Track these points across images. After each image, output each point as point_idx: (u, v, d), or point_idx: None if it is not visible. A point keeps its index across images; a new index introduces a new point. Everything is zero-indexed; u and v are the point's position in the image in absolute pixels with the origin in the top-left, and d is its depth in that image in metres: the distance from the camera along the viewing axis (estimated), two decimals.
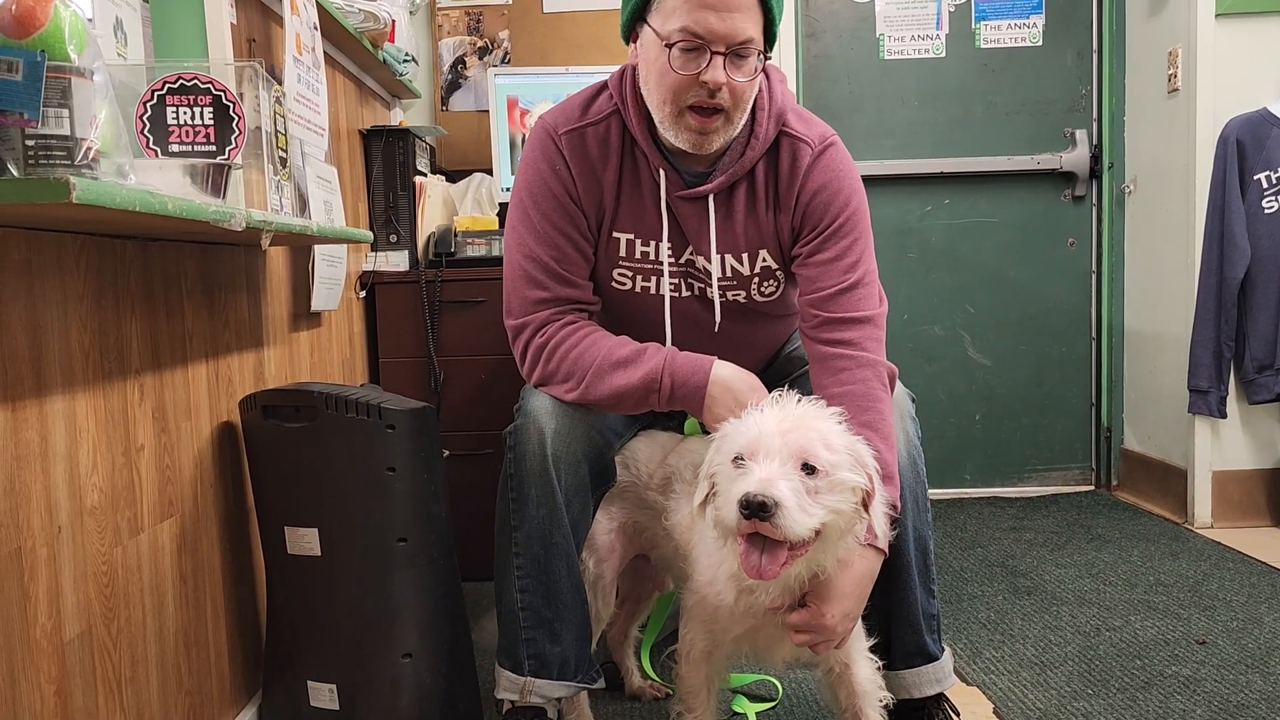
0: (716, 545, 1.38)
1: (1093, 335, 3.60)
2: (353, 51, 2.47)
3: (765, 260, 1.65)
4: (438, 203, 2.82)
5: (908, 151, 3.54)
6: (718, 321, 1.67)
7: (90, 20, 1.31)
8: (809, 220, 1.61)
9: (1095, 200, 3.57)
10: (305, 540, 1.64)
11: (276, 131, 1.57)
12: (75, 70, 0.95)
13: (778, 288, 1.69)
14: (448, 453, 1.94)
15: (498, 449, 1.65)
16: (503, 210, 2.74)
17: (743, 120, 1.56)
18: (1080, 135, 3.52)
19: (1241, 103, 2.98)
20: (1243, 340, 3.00)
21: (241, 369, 1.78)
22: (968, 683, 1.98)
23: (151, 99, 1.35)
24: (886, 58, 3.53)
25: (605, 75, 1.68)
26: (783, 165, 1.61)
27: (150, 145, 1.35)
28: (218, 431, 1.68)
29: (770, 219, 1.63)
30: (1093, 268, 3.58)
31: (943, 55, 3.52)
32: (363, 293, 2.62)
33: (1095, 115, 3.53)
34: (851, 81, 3.53)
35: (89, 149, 0.97)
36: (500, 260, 1.81)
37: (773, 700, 1.91)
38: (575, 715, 1.70)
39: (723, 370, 1.55)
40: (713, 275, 1.64)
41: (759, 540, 1.25)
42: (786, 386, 1.39)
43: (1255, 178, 2.95)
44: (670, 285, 1.67)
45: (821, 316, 1.56)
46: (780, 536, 1.22)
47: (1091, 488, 3.62)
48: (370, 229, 2.65)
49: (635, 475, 1.67)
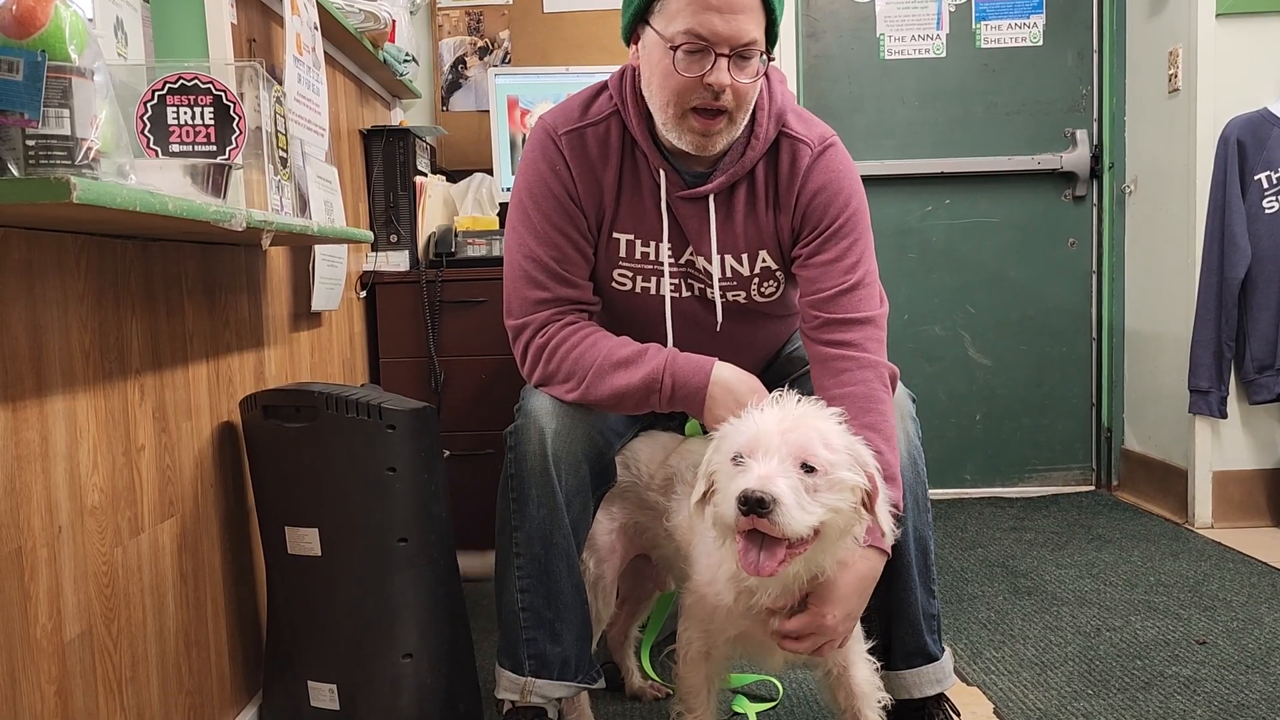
0: (716, 545, 1.38)
1: (1093, 335, 3.60)
2: (353, 51, 2.47)
3: (765, 261, 1.65)
4: (438, 203, 2.82)
5: (908, 151, 3.54)
6: (719, 322, 1.68)
7: (91, 20, 1.31)
8: (809, 221, 1.61)
9: (1096, 200, 3.57)
10: (306, 540, 1.64)
11: (277, 131, 1.57)
12: (76, 70, 0.95)
13: (778, 288, 1.69)
14: (448, 453, 1.94)
15: (498, 449, 1.65)
16: (503, 210, 2.74)
17: (745, 121, 1.56)
18: (1081, 135, 3.52)
19: (1242, 103, 2.98)
20: (1243, 340, 3.00)
21: (242, 369, 1.78)
22: (968, 683, 1.98)
23: (152, 99, 1.35)
24: (887, 58, 3.53)
25: (605, 75, 1.68)
26: (782, 166, 1.61)
27: (151, 145, 1.35)
28: (218, 431, 1.68)
29: (770, 219, 1.63)
30: (1093, 268, 3.58)
31: (943, 55, 3.52)
32: (363, 293, 2.63)
33: (1096, 115, 3.53)
34: (852, 81, 3.53)
35: (89, 149, 0.97)
36: (500, 260, 1.81)
37: (773, 700, 1.91)
38: (575, 715, 1.70)
39: (723, 371, 1.55)
40: (713, 276, 1.65)
41: (757, 537, 1.25)
42: (787, 386, 1.39)
43: (1256, 178, 2.95)
44: (670, 286, 1.67)
45: (822, 317, 1.56)
46: (778, 533, 1.22)
47: (1092, 488, 3.62)
48: (371, 229, 2.65)
49: (636, 476, 1.67)
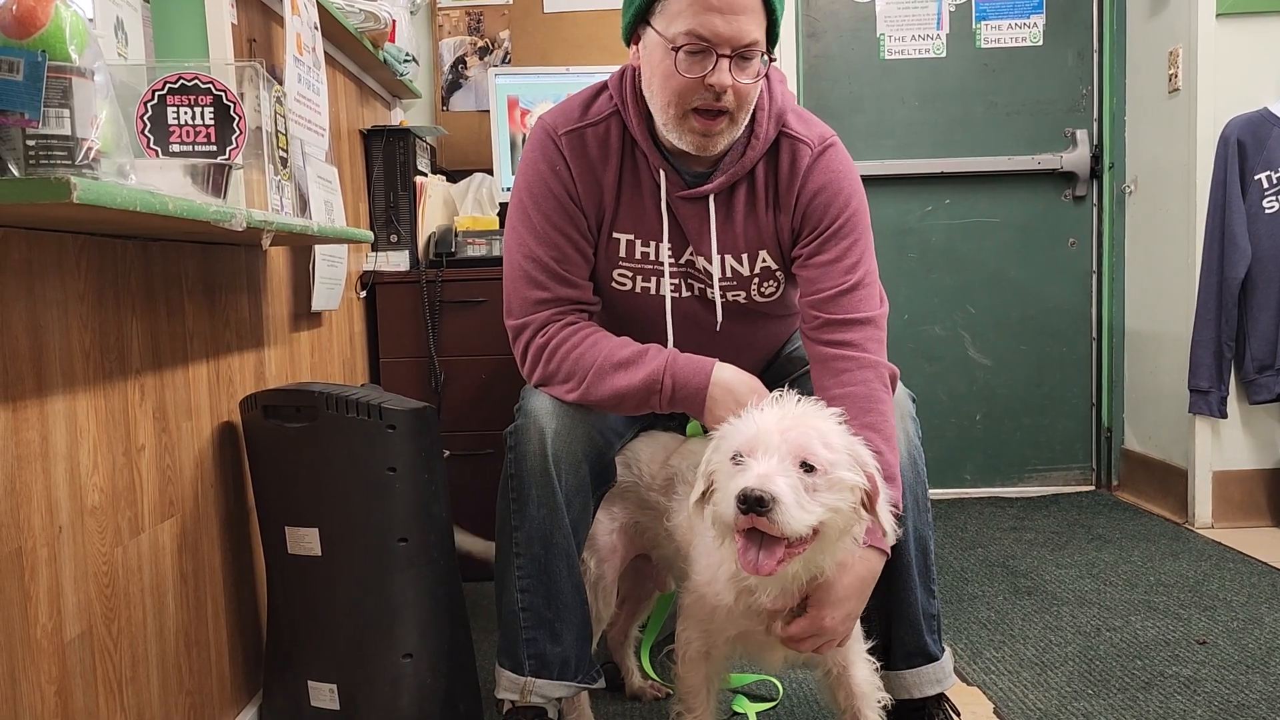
0: (715, 545, 1.38)
1: (1093, 335, 3.60)
2: (353, 51, 2.47)
3: (765, 261, 1.65)
4: (438, 203, 2.82)
5: (908, 151, 3.54)
6: (719, 322, 1.67)
7: (91, 20, 1.31)
8: (809, 221, 1.61)
9: (1096, 200, 3.56)
10: (306, 540, 1.64)
11: (277, 131, 1.57)
12: (76, 70, 0.95)
13: (778, 288, 1.69)
14: (448, 453, 1.94)
15: (498, 449, 1.65)
16: (503, 210, 2.74)
17: (746, 121, 1.56)
18: (1081, 135, 3.52)
19: (1242, 103, 2.98)
20: (1243, 340, 3.00)
21: (242, 369, 1.78)
22: (968, 683, 1.98)
23: (152, 99, 1.35)
24: (887, 58, 3.53)
25: (605, 75, 1.68)
26: (782, 166, 1.61)
27: (151, 145, 1.35)
28: (218, 431, 1.68)
29: (770, 219, 1.63)
30: (1093, 268, 3.58)
31: (943, 55, 3.52)
32: (363, 293, 2.63)
33: (1096, 115, 3.53)
34: (852, 81, 3.53)
35: (90, 149, 0.97)
36: (500, 260, 1.81)
37: (773, 700, 1.91)
38: (575, 715, 1.70)
39: (724, 372, 1.55)
40: (713, 276, 1.64)
41: (756, 536, 1.25)
42: (786, 386, 1.39)
43: (1256, 178, 2.95)
44: (670, 286, 1.67)
45: (822, 318, 1.56)
46: (777, 532, 1.22)
47: (1092, 488, 3.62)
48: (371, 229, 2.65)
49: (637, 475, 1.67)
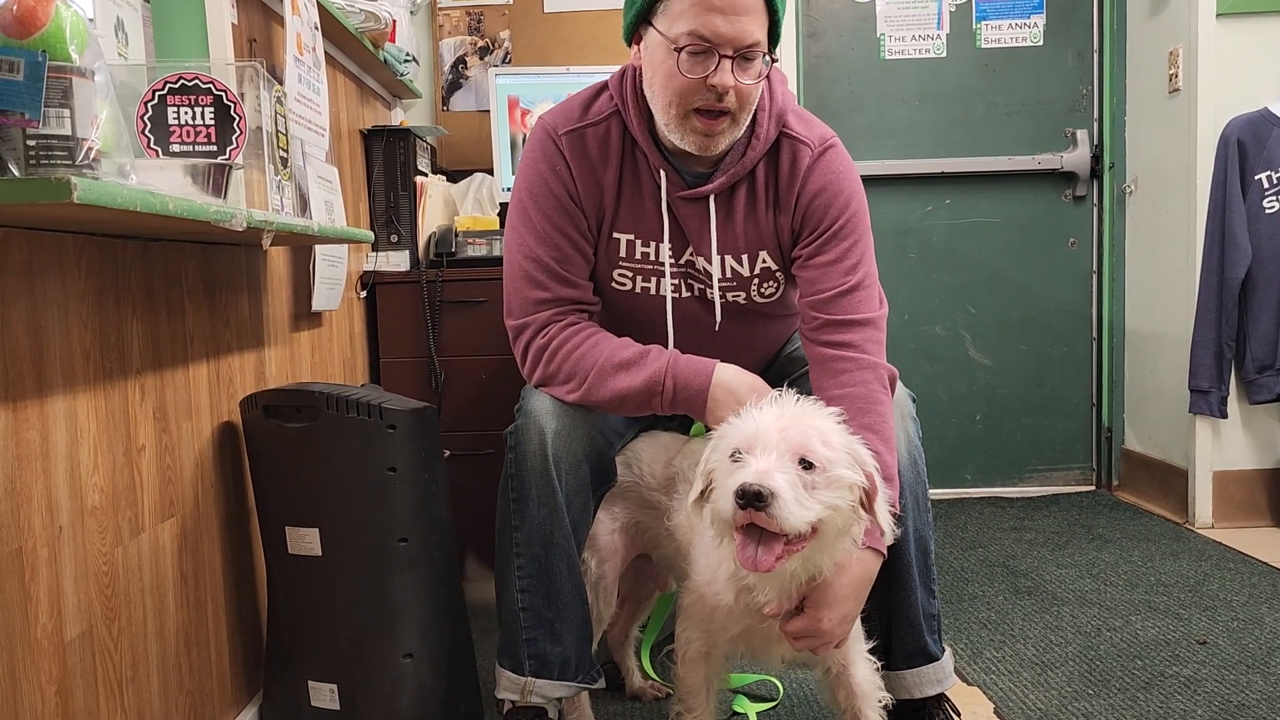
0: (714, 544, 1.38)
1: (1093, 335, 3.60)
2: (353, 51, 2.47)
3: (765, 261, 1.65)
4: (438, 203, 2.82)
5: (908, 151, 3.54)
6: (718, 322, 1.67)
7: (91, 20, 1.31)
8: (809, 222, 1.61)
9: (1096, 200, 3.56)
10: (306, 540, 1.64)
11: (277, 131, 1.57)
12: (76, 70, 0.95)
13: (778, 289, 1.69)
14: (448, 453, 1.94)
15: (498, 449, 1.65)
16: (503, 210, 2.74)
17: (747, 121, 1.56)
18: (1081, 135, 3.52)
19: (1242, 103, 2.98)
20: (1243, 340, 3.00)
21: (242, 369, 1.78)
22: (968, 683, 1.98)
23: (152, 99, 1.35)
24: (887, 58, 3.53)
25: (606, 75, 1.68)
26: (783, 166, 1.61)
27: (151, 145, 1.35)
28: (218, 431, 1.68)
29: (770, 220, 1.63)
30: (1093, 268, 3.58)
31: (943, 55, 3.52)
32: (363, 293, 2.63)
33: (1096, 115, 3.53)
34: (852, 81, 3.53)
35: (90, 149, 0.97)
36: (501, 260, 1.81)
37: (773, 700, 1.91)
38: (576, 715, 1.70)
39: (725, 373, 1.55)
40: (713, 276, 1.64)
41: (755, 532, 1.25)
42: (786, 386, 1.39)
43: (1256, 178, 2.95)
44: (670, 286, 1.67)
45: (822, 319, 1.56)
46: (776, 528, 1.22)
47: (1092, 488, 3.62)
48: (371, 229, 2.64)
49: (638, 475, 1.67)
